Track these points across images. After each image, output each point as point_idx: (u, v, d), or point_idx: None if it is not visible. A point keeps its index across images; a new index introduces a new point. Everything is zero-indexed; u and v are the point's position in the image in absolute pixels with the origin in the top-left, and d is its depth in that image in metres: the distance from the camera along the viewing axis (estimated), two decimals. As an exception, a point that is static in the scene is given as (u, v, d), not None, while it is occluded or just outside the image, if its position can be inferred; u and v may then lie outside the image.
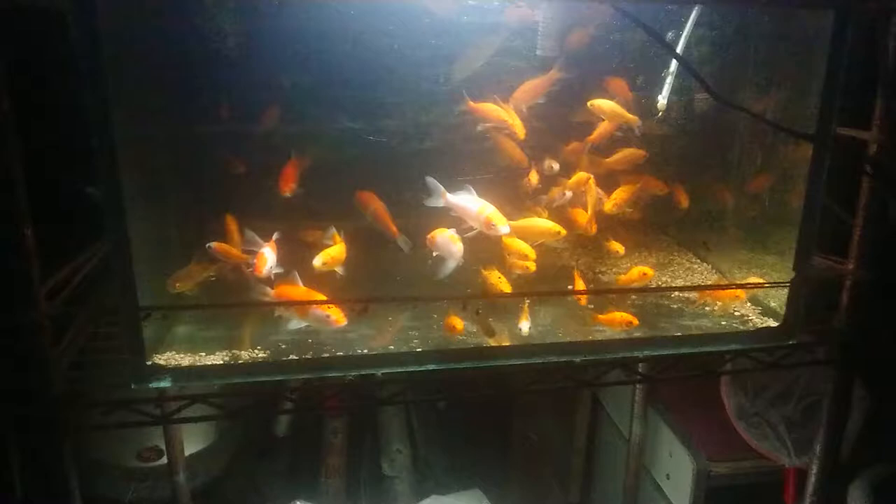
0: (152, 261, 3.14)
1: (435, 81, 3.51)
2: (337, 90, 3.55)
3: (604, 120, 3.69)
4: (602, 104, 3.66)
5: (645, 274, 3.64)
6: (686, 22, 3.47)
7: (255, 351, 3.20)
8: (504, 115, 3.48)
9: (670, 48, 2.68)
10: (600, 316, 3.40)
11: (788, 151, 3.43)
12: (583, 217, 3.71)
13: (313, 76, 3.51)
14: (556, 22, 3.43)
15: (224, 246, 3.39)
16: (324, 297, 3.13)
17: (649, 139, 3.78)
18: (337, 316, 3.10)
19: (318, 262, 3.36)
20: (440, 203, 3.41)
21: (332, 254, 3.41)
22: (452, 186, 3.43)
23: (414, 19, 3.35)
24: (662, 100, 3.62)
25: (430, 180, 3.43)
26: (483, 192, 3.39)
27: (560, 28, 3.47)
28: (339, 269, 3.43)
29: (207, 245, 3.33)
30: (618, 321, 3.35)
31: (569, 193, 3.79)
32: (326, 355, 3.17)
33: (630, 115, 3.66)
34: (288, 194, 3.51)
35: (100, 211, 2.74)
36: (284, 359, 3.15)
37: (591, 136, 3.75)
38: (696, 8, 3.39)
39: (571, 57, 3.55)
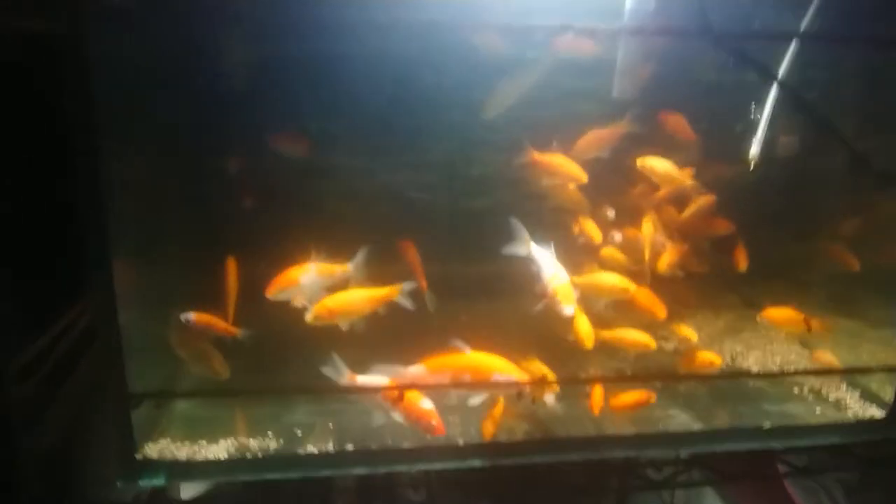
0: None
1: (490, 128, 2.99)
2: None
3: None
4: (654, 165, 3.11)
5: (712, 364, 3.08)
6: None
7: (266, 437, 2.71)
8: (575, 171, 3.01)
9: (785, 87, 2.15)
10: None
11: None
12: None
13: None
14: (635, 58, 2.90)
15: (205, 317, 2.84)
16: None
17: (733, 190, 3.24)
18: (438, 424, 2.58)
19: (310, 316, 2.76)
20: (522, 251, 2.93)
21: (331, 305, 2.76)
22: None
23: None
24: (755, 148, 3.08)
25: (515, 222, 2.95)
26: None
27: (637, 66, 2.94)
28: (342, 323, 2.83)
29: (183, 317, 2.80)
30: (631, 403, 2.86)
31: (618, 236, 3.27)
32: (351, 447, 2.67)
33: (686, 180, 3.12)
34: None
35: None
36: (300, 452, 2.64)
37: (661, 192, 3.24)
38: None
39: (649, 100, 3.01)
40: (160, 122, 2.82)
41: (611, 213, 3.34)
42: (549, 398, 2.81)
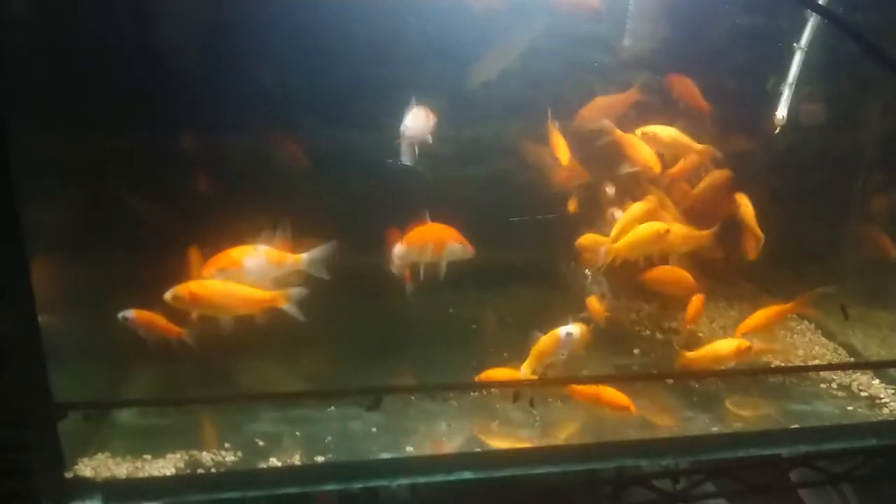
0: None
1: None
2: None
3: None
4: (659, 133, 2.78)
5: (746, 349, 2.73)
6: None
7: (223, 451, 2.33)
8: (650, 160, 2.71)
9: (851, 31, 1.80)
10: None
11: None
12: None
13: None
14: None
15: (146, 315, 2.48)
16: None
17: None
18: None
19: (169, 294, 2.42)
20: None
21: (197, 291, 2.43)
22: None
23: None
24: (782, 113, 2.72)
25: None
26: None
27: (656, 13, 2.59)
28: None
29: (121, 315, 2.43)
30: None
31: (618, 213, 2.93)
32: (321, 459, 2.29)
33: (698, 145, 2.79)
34: None
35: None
36: (262, 466, 2.26)
37: (674, 170, 2.90)
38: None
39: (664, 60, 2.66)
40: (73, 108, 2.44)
41: (610, 190, 3.01)
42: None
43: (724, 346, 2.76)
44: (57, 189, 2.31)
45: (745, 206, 2.93)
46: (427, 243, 2.63)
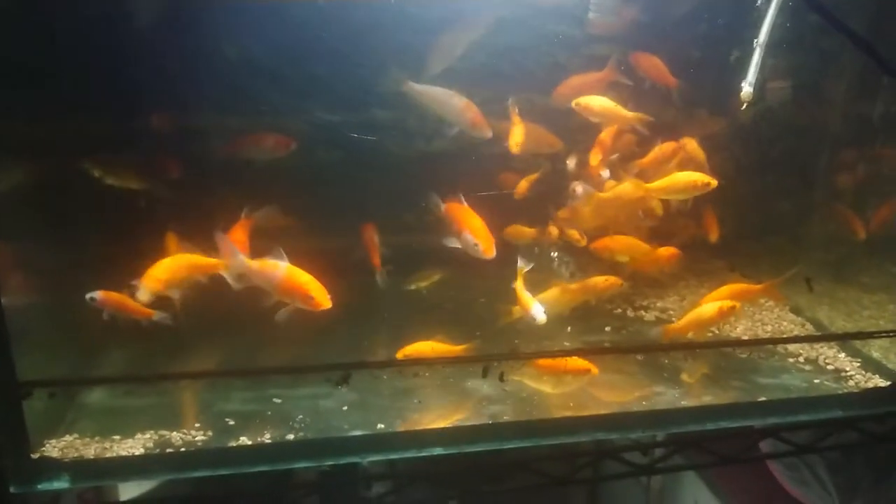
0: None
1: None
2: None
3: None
4: (592, 103, 2.77)
5: (730, 309, 2.78)
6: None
7: (193, 430, 2.31)
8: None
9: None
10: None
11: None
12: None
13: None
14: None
15: (114, 297, 2.44)
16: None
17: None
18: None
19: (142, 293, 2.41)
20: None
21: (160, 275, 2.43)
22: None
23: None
24: (748, 86, 2.74)
25: None
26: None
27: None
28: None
29: (88, 297, 2.40)
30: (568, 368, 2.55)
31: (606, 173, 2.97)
32: (291, 437, 2.29)
33: (630, 113, 2.81)
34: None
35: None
36: (233, 444, 2.25)
37: (643, 160, 2.93)
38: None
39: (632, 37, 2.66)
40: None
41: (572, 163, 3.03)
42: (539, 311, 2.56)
43: (707, 311, 2.80)
44: (18, 169, 2.27)
45: (695, 149, 2.97)
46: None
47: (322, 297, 2.35)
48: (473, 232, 2.58)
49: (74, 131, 2.59)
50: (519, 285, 2.64)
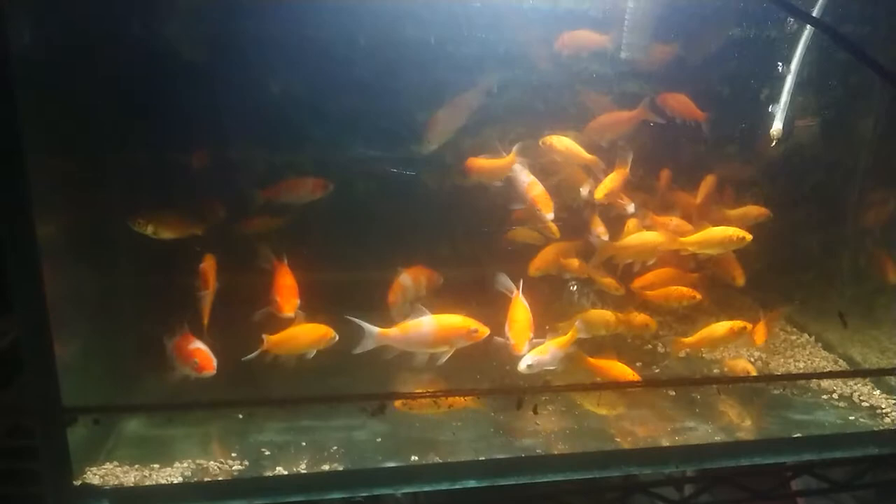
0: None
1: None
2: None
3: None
4: (556, 142, 2.83)
5: (744, 329, 2.87)
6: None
7: (230, 460, 2.35)
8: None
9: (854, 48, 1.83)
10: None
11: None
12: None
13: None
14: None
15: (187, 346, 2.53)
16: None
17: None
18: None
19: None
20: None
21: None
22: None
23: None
24: (778, 124, 2.78)
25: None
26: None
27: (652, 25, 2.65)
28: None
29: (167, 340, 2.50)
30: None
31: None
32: (326, 468, 2.31)
33: (587, 155, 2.85)
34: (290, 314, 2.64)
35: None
36: (268, 474, 2.28)
37: (698, 198, 3.02)
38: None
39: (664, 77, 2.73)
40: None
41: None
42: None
43: (718, 329, 2.88)
44: (68, 201, 2.36)
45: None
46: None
47: (481, 327, 2.49)
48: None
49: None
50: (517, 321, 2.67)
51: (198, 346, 2.49)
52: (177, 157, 2.79)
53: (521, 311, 2.68)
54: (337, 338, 2.55)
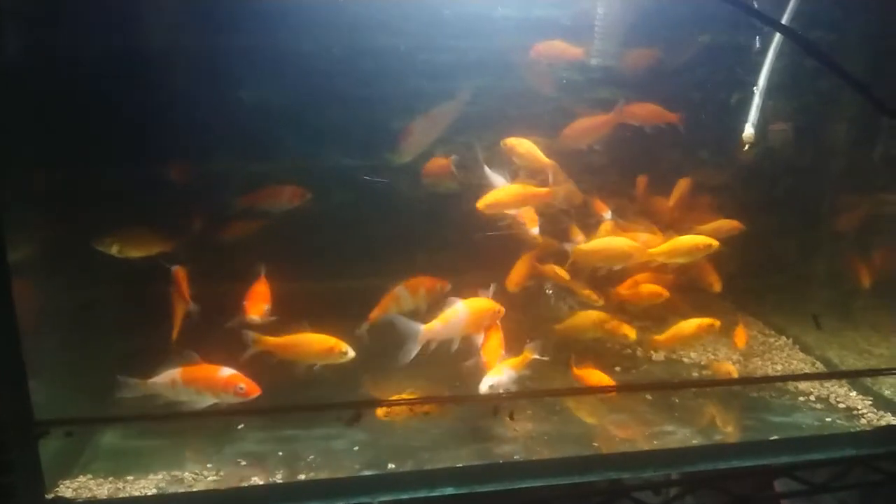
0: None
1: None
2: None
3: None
4: (515, 145, 2.86)
5: (712, 326, 2.94)
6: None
7: (205, 471, 2.33)
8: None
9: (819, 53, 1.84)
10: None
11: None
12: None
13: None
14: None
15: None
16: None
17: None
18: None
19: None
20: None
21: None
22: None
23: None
24: (750, 129, 2.80)
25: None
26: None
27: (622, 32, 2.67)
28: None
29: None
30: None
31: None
32: (302, 477, 2.30)
33: (545, 159, 2.86)
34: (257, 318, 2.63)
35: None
36: (243, 484, 2.26)
37: (671, 201, 3.06)
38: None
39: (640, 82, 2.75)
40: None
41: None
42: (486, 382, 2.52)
43: (688, 326, 2.95)
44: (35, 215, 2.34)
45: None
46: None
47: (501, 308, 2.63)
48: None
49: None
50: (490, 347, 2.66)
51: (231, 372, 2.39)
52: (151, 170, 2.78)
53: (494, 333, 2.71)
54: (349, 354, 2.51)
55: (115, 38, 2.52)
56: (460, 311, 2.57)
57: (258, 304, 2.60)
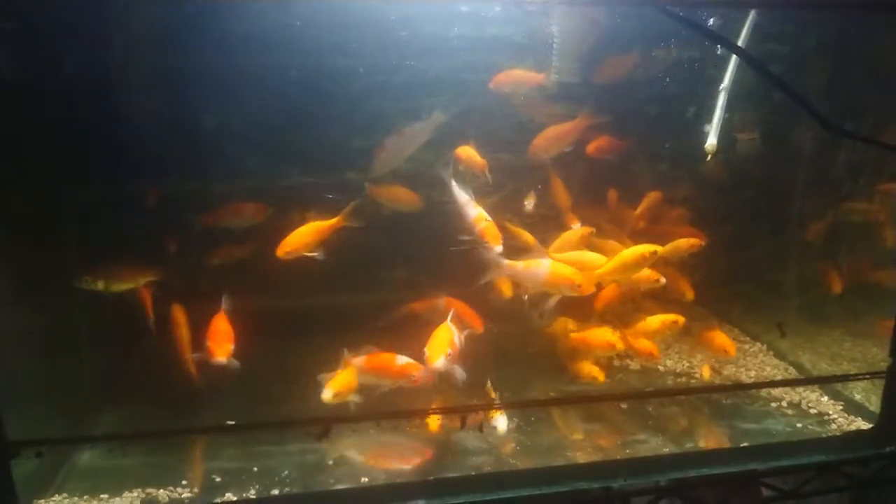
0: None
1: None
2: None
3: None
4: (460, 152, 2.88)
5: (675, 322, 2.93)
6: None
7: (179, 487, 2.36)
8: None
9: (758, 64, 1.89)
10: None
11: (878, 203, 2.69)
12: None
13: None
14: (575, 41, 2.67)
15: None
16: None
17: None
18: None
19: (328, 395, 2.46)
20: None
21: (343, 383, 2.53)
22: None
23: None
24: (713, 140, 2.83)
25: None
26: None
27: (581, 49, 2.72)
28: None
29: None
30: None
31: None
32: (276, 493, 2.32)
33: (479, 160, 2.88)
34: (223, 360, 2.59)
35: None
36: (217, 500, 2.29)
37: (638, 211, 3.07)
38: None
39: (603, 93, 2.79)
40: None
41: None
42: (501, 422, 2.52)
43: (652, 322, 2.97)
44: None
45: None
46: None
47: (585, 283, 2.67)
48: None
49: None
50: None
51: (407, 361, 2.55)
52: (118, 191, 2.82)
53: (444, 331, 2.67)
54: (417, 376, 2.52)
55: (71, 61, 2.54)
56: (542, 266, 2.66)
57: (223, 344, 2.59)
